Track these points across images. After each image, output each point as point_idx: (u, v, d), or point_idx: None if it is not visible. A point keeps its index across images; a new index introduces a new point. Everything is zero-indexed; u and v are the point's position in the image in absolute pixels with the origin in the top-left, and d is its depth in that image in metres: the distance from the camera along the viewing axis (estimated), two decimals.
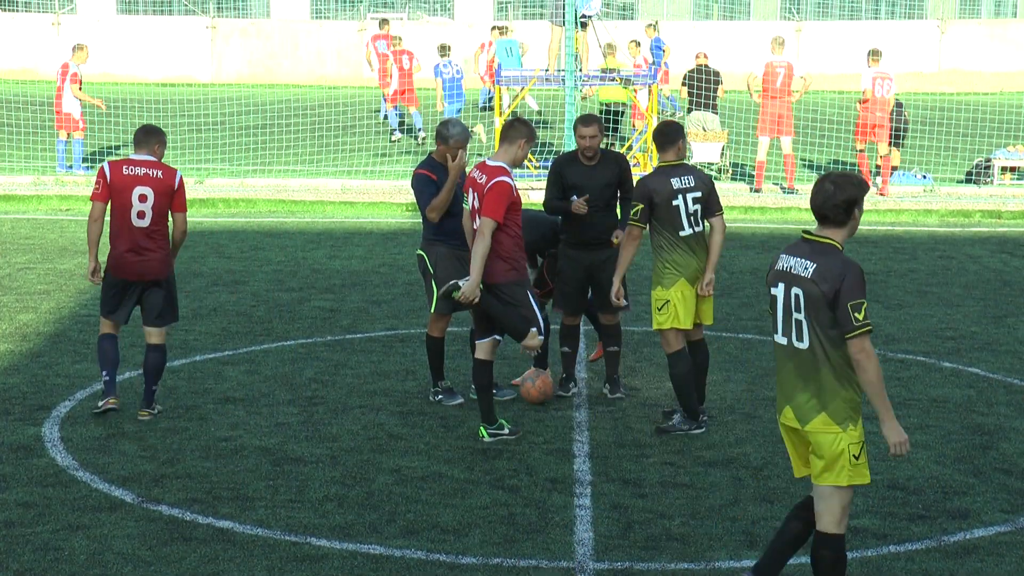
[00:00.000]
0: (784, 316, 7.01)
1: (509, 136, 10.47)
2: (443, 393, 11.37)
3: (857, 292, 6.76)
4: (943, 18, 45.48)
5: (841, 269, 6.79)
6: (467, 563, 8.05)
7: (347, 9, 47.55)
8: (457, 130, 11.08)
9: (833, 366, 6.87)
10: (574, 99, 23.21)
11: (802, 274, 6.89)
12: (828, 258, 6.85)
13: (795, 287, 6.93)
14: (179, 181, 10.85)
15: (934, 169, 26.39)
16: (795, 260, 6.97)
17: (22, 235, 19.60)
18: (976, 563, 8.16)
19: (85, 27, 43.01)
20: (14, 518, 8.71)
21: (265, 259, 17.93)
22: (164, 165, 10.79)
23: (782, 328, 7.04)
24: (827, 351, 6.86)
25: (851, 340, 6.77)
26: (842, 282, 6.76)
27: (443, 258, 11.10)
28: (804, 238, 7.03)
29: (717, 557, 8.20)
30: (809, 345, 6.91)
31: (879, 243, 19.92)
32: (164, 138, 10.97)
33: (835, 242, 6.93)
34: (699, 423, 10.62)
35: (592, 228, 11.23)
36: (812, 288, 6.83)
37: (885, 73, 24.55)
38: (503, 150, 10.46)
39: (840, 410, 6.90)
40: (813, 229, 7.03)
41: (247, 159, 27.50)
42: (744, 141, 27.62)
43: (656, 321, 10.56)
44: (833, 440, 6.90)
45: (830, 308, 6.79)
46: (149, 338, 10.84)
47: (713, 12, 48.66)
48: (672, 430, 10.58)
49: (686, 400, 10.58)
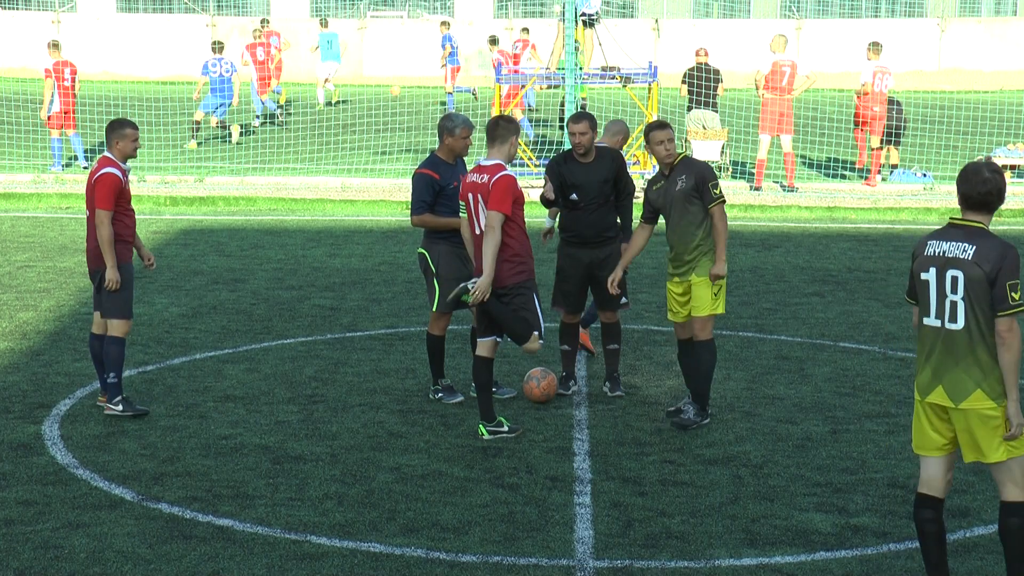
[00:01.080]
0: (937, 299, 7.27)
1: (500, 136, 10.43)
2: (443, 391, 11.36)
3: (1015, 272, 7.12)
4: (943, 16, 45.47)
5: (1001, 250, 7.15)
6: (467, 561, 8.05)
7: (347, 8, 47.54)
8: (460, 120, 11.09)
9: (987, 345, 7.15)
10: (574, 97, 23.19)
11: (961, 256, 7.19)
12: (986, 240, 7.20)
13: (952, 270, 7.21)
14: (97, 176, 10.75)
15: (934, 167, 26.38)
16: (949, 244, 7.26)
17: (22, 233, 19.60)
18: (976, 561, 8.16)
19: (85, 25, 43.01)
20: (14, 516, 8.71)
21: (265, 257, 17.93)
22: (103, 160, 10.81)
23: (935, 311, 7.29)
24: (983, 330, 7.15)
25: (1002, 318, 7.09)
26: (1003, 262, 7.11)
27: (445, 256, 11.09)
28: (953, 224, 7.32)
29: (717, 555, 8.20)
30: (964, 325, 7.18)
31: (879, 242, 19.92)
32: (124, 132, 10.84)
33: (986, 226, 7.27)
34: (707, 414, 10.73)
35: (591, 226, 11.24)
36: (974, 269, 7.14)
37: (885, 67, 24.60)
38: (496, 150, 10.43)
39: (995, 386, 7.16)
40: (959, 216, 7.35)
41: (247, 157, 27.50)
42: (744, 139, 27.61)
43: (711, 307, 10.61)
44: (991, 413, 7.17)
45: (990, 287, 7.11)
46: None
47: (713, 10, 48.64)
48: (691, 425, 10.61)
49: (707, 389, 10.68)
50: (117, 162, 10.84)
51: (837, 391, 11.78)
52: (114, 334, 10.82)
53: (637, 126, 25.17)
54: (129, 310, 10.86)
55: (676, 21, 44.06)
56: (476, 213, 10.33)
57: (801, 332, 13.97)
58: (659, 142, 10.62)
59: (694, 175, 10.53)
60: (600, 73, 24.30)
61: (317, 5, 48.37)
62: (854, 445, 10.30)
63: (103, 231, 10.65)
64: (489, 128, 10.53)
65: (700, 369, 10.67)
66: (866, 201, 23.41)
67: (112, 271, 10.65)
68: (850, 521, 8.75)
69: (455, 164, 11.19)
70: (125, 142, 10.86)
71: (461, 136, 11.07)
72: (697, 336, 10.67)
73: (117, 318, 10.80)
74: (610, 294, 11.32)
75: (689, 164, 10.66)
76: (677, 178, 10.57)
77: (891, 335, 13.87)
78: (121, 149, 10.87)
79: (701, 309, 10.60)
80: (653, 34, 43.98)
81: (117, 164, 10.83)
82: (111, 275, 10.66)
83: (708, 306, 10.59)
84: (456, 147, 11.12)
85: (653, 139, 10.63)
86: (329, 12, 48.06)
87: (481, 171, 10.36)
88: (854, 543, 8.39)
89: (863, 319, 14.62)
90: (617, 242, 11.39)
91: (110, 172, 10.75)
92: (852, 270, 17.50)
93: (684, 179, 10.54)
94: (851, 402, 11.45)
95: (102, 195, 10.69)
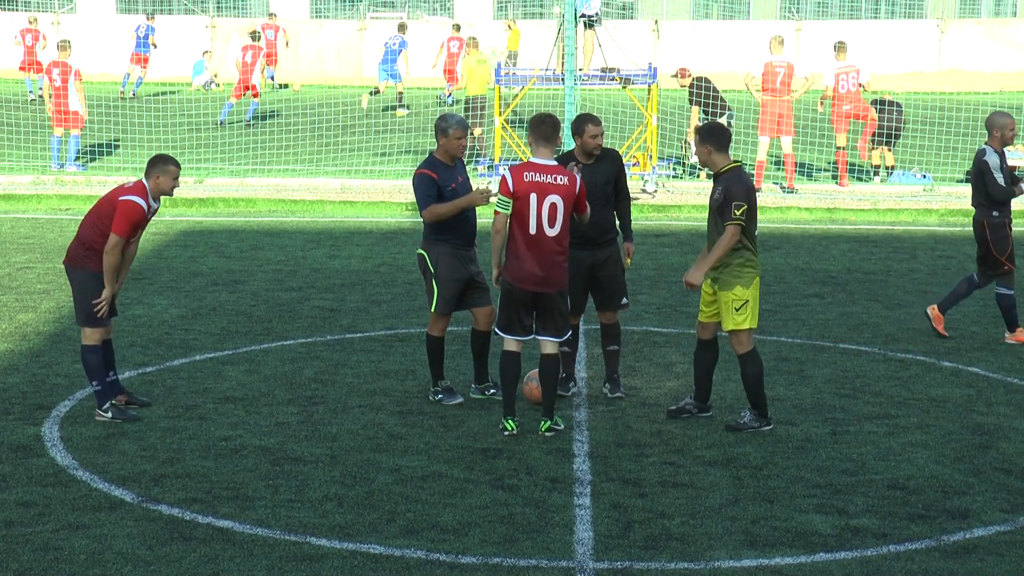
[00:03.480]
0: None
1: (551, 135, 10.37)
2: (443, 393, 11.36)
3: None
4: (943, 18, 45.50)
5: None
6: (467, 563, 8.05)
7: (347, 9, 47.55)
8: (455, 120, 11.09)
9: None
10: (573, 98, 23.19)
11: None
12: None
13: None
14: (122, 199, 10.51)
15: (934, 168, 26.38)
16: None
17: (22, 234, 19.60)
18: (976, 562, 8.17)
19: (84, 26, 42.99)
20: (14, 518, 8.71)
21: (265, 259, 17.93)
22: (137, 186, 10.59)
23: None
24: None
25: None
26: None
27: (444, 257, 11.09)
28: None
29: (717, 556, 8.20)
30: None
31: (879, 243, 19.92)
32: (167, 168, 10.63)
33: None
34: (768, 420, 10.69)
35: (594, 226, 11.22)
36: None
37: (850, 66, 24.61)
38: (547, 149, 10.38)
39: None
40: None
41: (247, 159, 27.50)
42: (744, 141, 27.61)
43: (734, 321, 10.49)
44: None
45: None
46: None
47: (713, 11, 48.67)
48: (744, 427, 10.62)
49: (759, 398, 10.63)
50: (148, 194, 10.58)
51: (837, 392, 11.79)
52: (85, 343, 10.73)
53: (636, 127, 25.18)
54: (99, 319, 10.70)
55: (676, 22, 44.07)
56: (539, 213, 10.24)
57: (801, 333, 13.97)
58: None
59: (725, 190, 10.42)
60: (600, 75, 24.31)
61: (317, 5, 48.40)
62: (854, 446, 10.31)
63: (110, 257, 10.48)
64: (534, 124, 10.43)
65: (745, 382, 10.67)
66: (866, 203, 23.42)
67: (109, 292, 10.58)
68: (850, 522, 8.75)
69: (453, 165, 11.17)
70: (166, 178, 10.61)
71: (455, 137, 11.05)
72: (735, 351, 10.68)
73: (89, 326, 10.72)
74: (610, 295, 11.34)
75: (732, 178, 10.45)
76: (717, 187, 10.52)
77: (891, 336, 13.87)
78: (159, 184, 10.61)
79: (726, 324, 10.57)
80: (653, 35, 44.02)
81: (147, 196, 10.56)
82: (107, 295, 10.59)
83: (731, 322, 10.52)
84: (451, 148, 11.11)
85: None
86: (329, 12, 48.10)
87: (546, 171, 10.29)
88: (854, 544, 8.39)
89: (863, 320, 14.62)
90: (617, 243, 11.39)
91: (136, 202, 10.51)
92: (852, 271, 17.50)
93: (720, 191, 10.45)
94: (851, 403, 11.45)
95: (120, 221, 10.47)
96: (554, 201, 10.23)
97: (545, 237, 10.28)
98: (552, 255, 10.31)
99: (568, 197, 10.25)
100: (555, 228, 10.28)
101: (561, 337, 10.51)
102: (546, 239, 10.28)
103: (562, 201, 10.23)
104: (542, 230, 10.27)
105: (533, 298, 10.38)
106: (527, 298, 10.38)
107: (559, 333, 10.48)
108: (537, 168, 10.31)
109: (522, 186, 10.26)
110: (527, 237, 10.29)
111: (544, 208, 10.23)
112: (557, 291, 10.39)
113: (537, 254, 10.29)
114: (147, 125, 28.77)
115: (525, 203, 10.25)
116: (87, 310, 10.65)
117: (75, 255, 10.68)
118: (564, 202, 10.24)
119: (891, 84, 39.95)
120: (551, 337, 10.48)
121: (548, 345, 10.49)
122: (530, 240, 10.29)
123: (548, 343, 10.49)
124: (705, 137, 10.55)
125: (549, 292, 10.36)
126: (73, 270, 10.69)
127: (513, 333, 10.46)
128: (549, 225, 10.26)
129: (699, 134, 10.62)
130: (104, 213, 10.59)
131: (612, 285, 11.37)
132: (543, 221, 10.26)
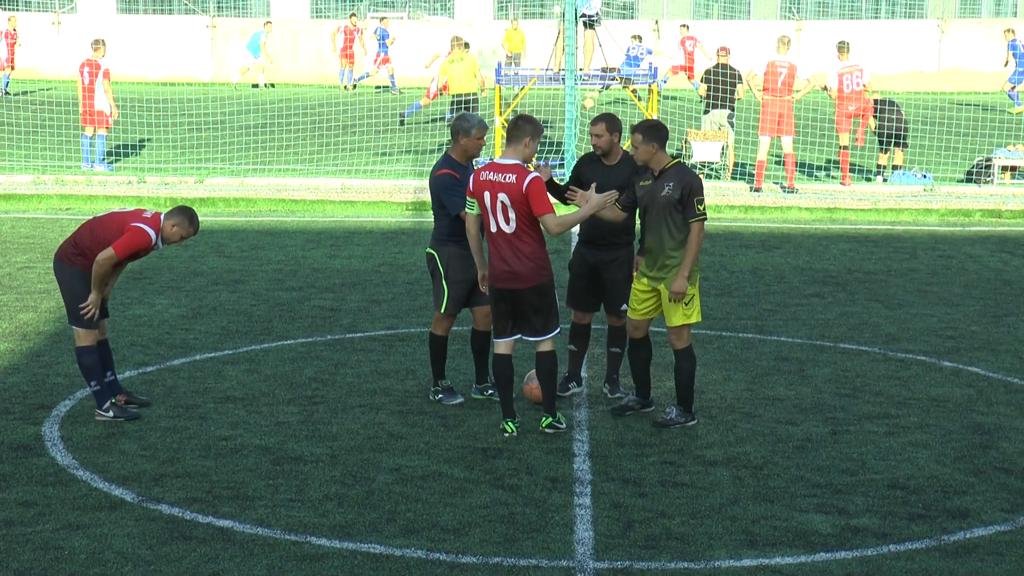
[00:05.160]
0: None
1: (515, 135, 10.43)
2: (443, 392, 11.36)
3: None
4: (943, 17, 45.49)
5: None
6: (467, 562, 8.05)
7: (347, 9, 47.54)
8: (477, 120, 11.08)
9: None
10: (573, 98, 23.20)
11: None
12: None
13: None
14: (134, 224, 10.51)
15: (934, 168, 26.39)
16: None
17: (22, 234, 19.61)
18: (976, 562, 8.17)
19: (85, 26, 43.01)
20: (14, 517, 8.71)
21: (265, 258, 17.93)
22: (154, 219, 10.56)
23: None
24: None
25: None
26: None
27: (454, 258, 11.06)
28: None
29: (717, 556, 8.20)
30: None
31: (879, 242, 19.92)
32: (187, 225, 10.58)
33: None
34: (693, 415, 10.71)
35: (595, 227, 11.21)
36: None
37: (854, 66, 24.63)
38: (512, 149, 10.42)
39: None
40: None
41: (247, 158, 27.50)
42: (745, 140, 27.62)
43: (682, 317, 10.48)
44: None
45: None
46: None
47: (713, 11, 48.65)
48: (671, 423, 10.61)
49: (688, 393, 10.64)
50: (160, 232, 10.56)
51: (837, 392, 11.79)
52: (80, 344, 10.72)
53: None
54: (88, 320, 10.67)
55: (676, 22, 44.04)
56: (494, 211, 10.29)
57: (801, 333, 13.97)
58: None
59: (682, 185, 10.39)
60: (600, 74, 24.32)
61: (317, 5, 48.39)
62: (854, 446, 10.31)
63: (99, 268, 10.45)
64: (509, 126, 10.54)
65: (679, 379, 10.62)
66: (866, 202, 23.42)
67: (95, 297, 10.58)
68: (850, 522, 8.75)
69: (467, 166, 11.16)
70: (179, 230, 10.57)
71: (476, 137, 11.04)
72: (673, 346, 10.64)
73: (80, 327, 10.70)
74: (611, 298, 11.33)
75: (681, 173, 10.49)
76: (666, 184, 10.47)
77: (891, 336, 13.88)
78: (172, 231, 10.57)
79: (673, 320, 10.54)
80: (653, 35, 44.01)
81: (159, 233, 10.55)
82: (93, 299, 10.59)
83: (680, 317, 10.51)
84: (471, 148, 11.10)
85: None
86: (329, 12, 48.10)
87: (501, 170, 10.31)
88: (854, 544, 8.39)
89: (863, 320, 14.62)
90: (630, 248, 11.35)
91: (148, 233, 10.48)
92: (852, 271, 17.51)
93: (671, 187, 10.41)
94: (851, 403, 11.45)
95: (125, 243, 10.44)
96: (503, 199, 10.25)
97: (504, 234, 10.31)
98: (514, 252, 10.31)
99: (515, 195, 10.21)
100: (511, 225, 10.28)
101: (540, 336, 10.46)
102: (505, 236, 10.31)
103: (509, 199, 10.23)
104: (500, 228, 10.32)
105: (510, 296, 10.38)
106: (503, 296, 10.41)
107: (536, 332, 10.45)
108: (495, 167, 10.39)
109: (478, 185, 10.37)
110: (490, 235, 10.38)
111: (497, 206, 10.28)
112: (529, 288, 10.34)
113: (501, 251, 10.34)
114: (147, 126, 28.81)
115: (483, 202, 10.35)
116: (76, 311, 10.66)
117: (66, 252, 10.69)
118: (511, 200, 10.22)
119: (891, 84, 39.98)
120: (528, 336, 10.47)
121: (544, 342, 10.49)
122: (492, 238, 10.37)
123: (544, 340, 10.48)
124: (651, 135, 10.51)
125: (519, 288, 10.34)
126: (62, 266, 10.70)
127: (498, 334, 10.49)
128: (504, 222, 10.30)
129: (643, 132, 10.53)
130: (111, 229, 10.53)
131: (613, 288, 11.35)
132: (499, 219, 10.31)
